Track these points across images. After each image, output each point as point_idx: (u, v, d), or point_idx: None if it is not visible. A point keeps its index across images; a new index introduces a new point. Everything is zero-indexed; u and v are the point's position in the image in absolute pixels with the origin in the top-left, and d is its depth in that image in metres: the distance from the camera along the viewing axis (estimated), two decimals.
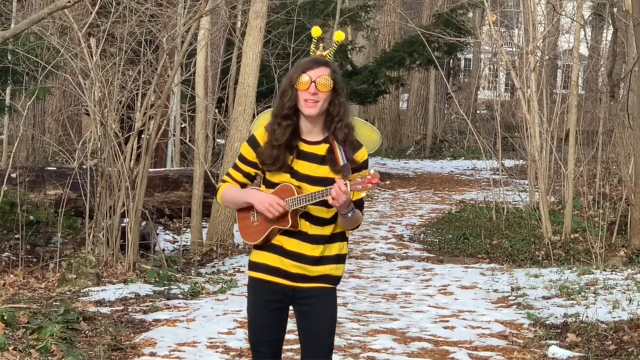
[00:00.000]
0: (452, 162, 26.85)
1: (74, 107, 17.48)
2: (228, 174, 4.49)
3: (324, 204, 4.29)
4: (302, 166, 4.35)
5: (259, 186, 4.47)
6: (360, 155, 4.38)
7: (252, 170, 4.44)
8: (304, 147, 4.36)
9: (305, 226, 4.35)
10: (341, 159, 4.31)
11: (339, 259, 4.44)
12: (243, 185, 4.46)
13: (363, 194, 4.27)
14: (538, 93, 14.97)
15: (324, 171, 4.34)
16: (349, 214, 4.29)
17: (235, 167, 4.48)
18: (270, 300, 4.42)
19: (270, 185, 4.39)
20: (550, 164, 16.26)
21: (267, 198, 4.31)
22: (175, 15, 13.36)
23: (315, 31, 4.50)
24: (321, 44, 4.47)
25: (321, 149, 4.36)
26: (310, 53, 4.46)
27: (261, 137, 4.39)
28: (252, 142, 4.42)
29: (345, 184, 4.18)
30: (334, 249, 4.41)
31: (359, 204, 4.38)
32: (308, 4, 19.75)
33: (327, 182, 4.30)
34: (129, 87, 10.89)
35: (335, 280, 4.45)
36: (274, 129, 4.34)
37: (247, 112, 12.25)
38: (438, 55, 21.18)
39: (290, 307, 4.49)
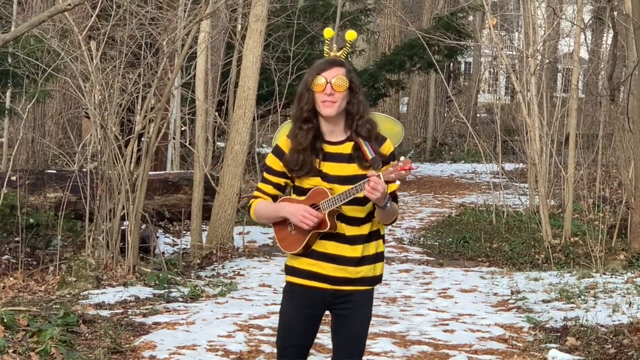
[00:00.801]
0: (452, 165, 26.86)
1: (74, 110, 17.49)
2: (258, 189, 4.47)
3: (359, 202, 4.28)
4: (330, 167, 4.34)
5: (290, 195, 4.46)
6: (386, 149, 4.38)
7: (281, 181, 4.41)
8: (328, 148, 4.36)
9: (342, 227, 4.34)
10: (369, 153, 4.31)
11: (377, 257, 4.44)
12: (275, 197, 4.44)
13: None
14: (538, 96, 14.97)
15: (352, 169, 4.34)
16: (388, 205, 4.28)
17: (264, 181, 4.45)
18: (308, 305, 4.41)
19: (300, 191, 4.38)
20: (550, 168, 16.26)
21: (299, 210, 4.29)
22: (175, 18, 13.37)
23: (328, 32, 4.52)
24: (334, 45, 4.48)
25: (346, 148, 4.36)
26: (324, 54, 4.46)
27: (285, 145, 4.38)
28: (277, 151, 4.41)
29: (378, 175, 4.17)
30: (372, 248, 4.41)
31: (392, 197, 4.37)
32: (308, 7, 19.76)
33: (357, 179, 4.30)
34: (129, 90, 10.90)
35: (374, 280, 4.45)
36: (296, 134, 4.34)
37: (247, 115, 12.25)
38: (438, 58, 21.19)
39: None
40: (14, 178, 11.30)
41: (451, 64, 30.45)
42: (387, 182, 4.19)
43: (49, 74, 10.93)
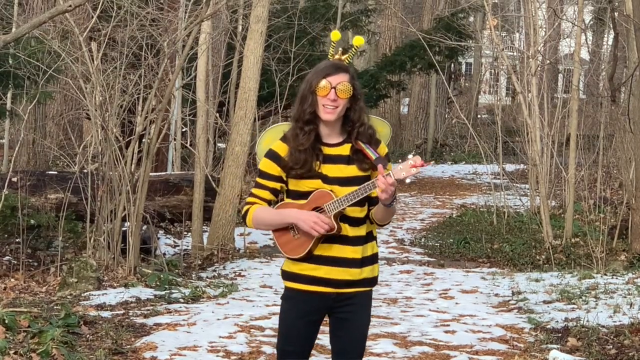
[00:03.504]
0: (453, 166, 26.86)
1: (75, 111, 17.50)
2: (252, 195, 4.38)
3: (358, 203, 4.24)
4: (330, 169, 4.30)
5: (284, 199, 4.41)
6: (382, 151, 4.35)
7: (277, 185, 4.35)
8: (327, 150, 4.32)
9: (346, 229, 4.30)
10: (372, 154, 4.28)
11: (374, 258, 4.43)
12: (269, 203, 4.37)
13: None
14: (539, 97, 14.97)
15: (352, 171, 4.30)
16: (393, 203, 4.26)
17: (260, 186, 4.37)
18: (310, 311, 4.36)
19: (297, 195, 4.32)
20: (551, 168, 16.26)
21: (310, 217, 4.22)
22: (176, 19, 13.38)
23: (335, 35, 4.45)
24: (340, 48, 4.45)
25: (344, 150, 4.33)
26: (329, 56, 4.43)
27: (281, 149, 4.33)
28: (273, 156, 4.34)
29: (389, 174, 4.14)
30: (369, 248, 4.39)
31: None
32: (309, 8, 19.77)
33: (357, 181, 4.27)
34: (130, 91, 10.90)
35: (373, 281, 4.43)
36: (297, 134, 4.29)
37: (248, 116, 12.26)
38: (439, 59, 21.19)
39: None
40: (14, 179, 11.30)
41: (452, 65, 30.44)
42: (398, 180, 4.16)
43: (49, 75, 10.93)
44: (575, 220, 13.81)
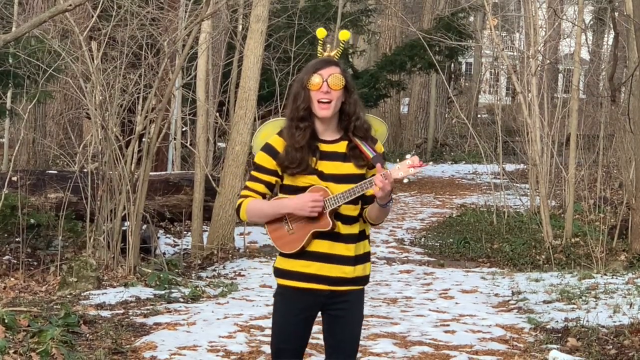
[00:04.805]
0: (453, 166, 26.87)
1: (75, 110, 17.51)
2: (247, 188, 4.37)
3: (352, 201, 4.24)
4: (326, 166, 4.30)
5: (277, 194, 4.42)
6: (379, 149, 4.36)
7: (272, 179, 4.34)
8: (324, 147, 4.32)
9: (338, 226, 4.30)
10: (369, 152, 4.28)
11: (366, 257, 4.42)
12: (264, 196, 4.36)
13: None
14: (539, 97, 14.97)
15: (348, 168, 4.30)
16: (389, 204, 4.27)
17: (254, 179, 4.36)
18: (303, 308, 4.36)
19: (292, 190, 4.30)
20: (551, 168, 16.26)
21: (304, 201, 4.23)
22: (176, 18, 13.38)
23: (320, 32, 4.46)
24: (327, 45, 4.45)
25: (341, 147, 4.33)
26: (318, 54, 4.43)
27: (277, 143, 4.32)
28: (269, 150, 4.33)
29: (387, 173, 4.13)
30: (361, 247, 4.38)
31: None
32: (309, 7, 19.75)
33: (353, 178, 4.28)
34: (130, 91, 10.90)
35: (366, 279, 4.44)
36: (293, 133, 4.28)
37: (248, 115, 12.26)
38: (439, 59, 21.19)
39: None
40: (14, 178, 11.31)
41: (452, 65, 30.45)
42: (396, 179, 4.16)
43: (49, 74, 10.93)
44: (575, 220, 13.80)
